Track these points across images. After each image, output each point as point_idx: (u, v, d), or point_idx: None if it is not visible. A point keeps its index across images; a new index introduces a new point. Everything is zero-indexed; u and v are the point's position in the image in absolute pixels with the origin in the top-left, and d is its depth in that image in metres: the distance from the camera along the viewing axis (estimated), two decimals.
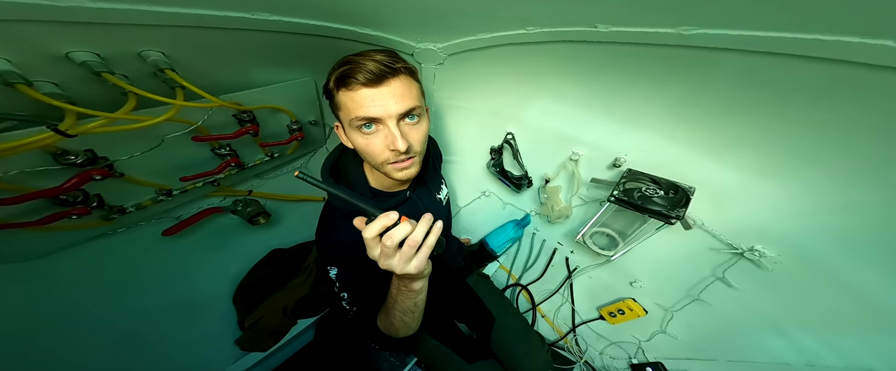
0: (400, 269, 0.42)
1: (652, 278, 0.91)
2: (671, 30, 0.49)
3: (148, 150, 0.61)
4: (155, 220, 0.78)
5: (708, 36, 0.47)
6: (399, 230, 0.40)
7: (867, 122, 0.46)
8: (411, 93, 0.50)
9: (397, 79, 0.48)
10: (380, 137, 0.50)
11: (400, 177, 0.55)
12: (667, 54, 0.54)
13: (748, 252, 0.66)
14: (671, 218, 0.61)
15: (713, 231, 0.70)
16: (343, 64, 0.48)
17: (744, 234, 0.67)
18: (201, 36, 0.53)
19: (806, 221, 0.59)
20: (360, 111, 0.48)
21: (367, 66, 0.46)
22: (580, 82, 0.72)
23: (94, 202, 0.61)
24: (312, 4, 0.56)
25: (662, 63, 0.56)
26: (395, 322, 0.54)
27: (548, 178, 1.00)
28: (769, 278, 0.67)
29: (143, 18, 0.45)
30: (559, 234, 1.15)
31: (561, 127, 0.87)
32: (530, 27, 0.61)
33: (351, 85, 0.47)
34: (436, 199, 0.78)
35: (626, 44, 0.55)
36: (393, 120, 0.49)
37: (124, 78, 0.52)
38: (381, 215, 0.41)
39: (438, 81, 0.92)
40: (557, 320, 1.30)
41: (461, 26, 0.68)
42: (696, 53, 0.51)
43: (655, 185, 0.66)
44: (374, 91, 0.47)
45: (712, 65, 0.52)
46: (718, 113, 0.59)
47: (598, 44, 0.57)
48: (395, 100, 0.48)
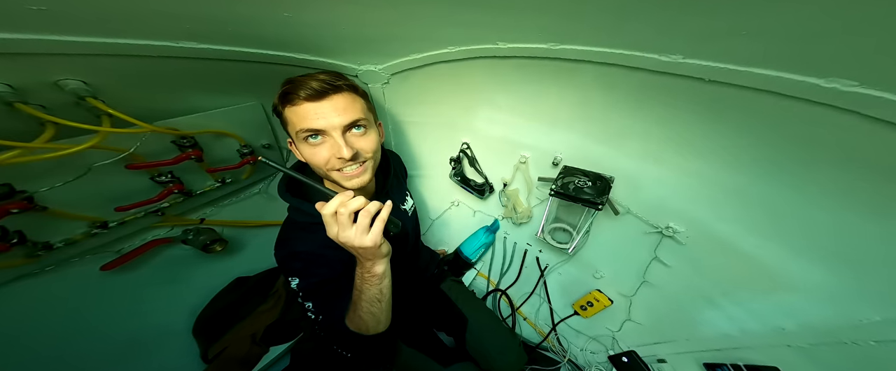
0: (357, 240, 0.45)
1: (609, 267, 0.92)
2: (544, 45, 0.58)
3: (72, 180, 0.59)
4: (90, 256, 0.74)
5: (567, 50, 0.57)
6: (353, 201, 0.44)
7: (689, 116, 0.58)
8: (354, 106, 0.53)
9: (340, 95, 0.51)
10: (325, 147, 0.53)
11: (350, 185, 0.56)
12: (552, 65, 0.62)
13: (665, 230, 0.72)
14: (598, 204, 0.66)
15: (638, 214, 0.75)
16: (286, 83, 0.51)
17: (659, 215, 0.71)
18: (124, 64, 0.54)
19: (691, 197, 0.66)
20: (303, 124, 0.50)
21: (309, 83, 0.49)
22: (507, 92, 0.79)
23: (14, 238, 0.58)
24: (240, 34, 0.58)
25: (555, 72, 0.64)
26: (364, 316, 0.54)
27: (506, 181, 1.03)
28: (687, 253, 0.72)
29: (54, 48, 0.45)
30: (527, 235, 1.16)
31: (505, 133, 0.91)
32: (451, 46, 0.67)
33: (294, 101, 0.50)
34: (400, 209, 0.79)
35: (525, 57, 0.62)
36: (337, 131, 0.51)
37: (41, 108, 0.52)
38: (339, 194, 0.45)
39: (389, 99, 0.96)
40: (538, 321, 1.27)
41: (393, 49, 0.73)
42: (570, 64, 0.60)
43: (585, 177, 0.71)
44: (316, 105, 0.49)
45: (583, 73, 0.61)
46: (604, 111, 0.68)
47: (507, 58, 0.64)
48: (338, 113, 0.50)
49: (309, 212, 0.59)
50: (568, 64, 0.60)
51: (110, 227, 0.71)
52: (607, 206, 0.72)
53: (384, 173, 0.73)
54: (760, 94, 0.46)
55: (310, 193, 0.62)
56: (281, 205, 0.62)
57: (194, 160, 0.77)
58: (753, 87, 0.46)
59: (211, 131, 0.79)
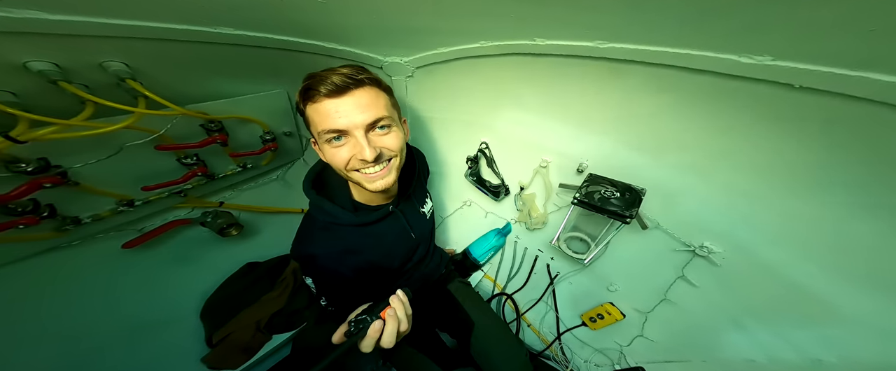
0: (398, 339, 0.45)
1: (626, 281, 0.90)
2: (590, 43, 0.54)
3: (105, 158, 0.60)
4: (115, 233, 0.76)
5: (616, 49, 0.52)
6: (391, 327, 0.44)
7: (760, 128, 0.51)
8: (378, 103, 0.50)
9: (362, 89, 0.48)
10: (348, 147, 0.51)
11: (373, 187, 0.55)
12: (593, 65, 0.58)
13: (699, 249, 0.68)
14: (626, 217, 0.63)
15: (668, 230, 0.71)
16: (307, 78, 0.49)
17: (694, 232, 0.68)
18: (164, 48, 0.54)
19: (737, 216, 0.62)
20: (326, 124, 0.48)
21: (329, 78, 0.47)
22: (537, 92, 0.76)
23: (44, 212, 0.59)
24: (276, 20, 0.58)
25: (598, 72, 0.60)
26: None
27: (523, 185, 1.02)
28: (721, 274, 0.68)
29: (102, 30, 0.46)
30: (539, 242, 1.15)
31: (528, 135, 0.90)
32: (483, 41, 0.65)
33: (314, 97, 0.48)
34: (419, 212, 0.78)
35: (563, 56, 0.59)
36: (360, 130, 0.49)
37: (84, 87, 0.53)
38: (370, 331, 0.43)
39: (411, 93, 0.95)
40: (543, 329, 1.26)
41: (422, 41, 0.72)
42: (617, 65, 0.56)
43: (613, 187, 0.67)
44: (337, 101, 0.47)
45: (632, 75, 0.57)
46: (649, 118, 0.63)
47: (543, 56, 0.61)
48: (360, 110, 0.48)
49: (330, 212, 0.59)
50: (615, 64, 0.55)
51: (136, 205, 0.72)
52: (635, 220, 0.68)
53: (409, 174, 0.71)
54: (871, 106, 0.38)
55: None
56: (297, 193, 0.63)
57: (219, 144, 0.78)
58: (863, 97, 0.38)
59: (237, 117, 0.79)
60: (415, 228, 0.75)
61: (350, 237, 0.61)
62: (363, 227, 0.63)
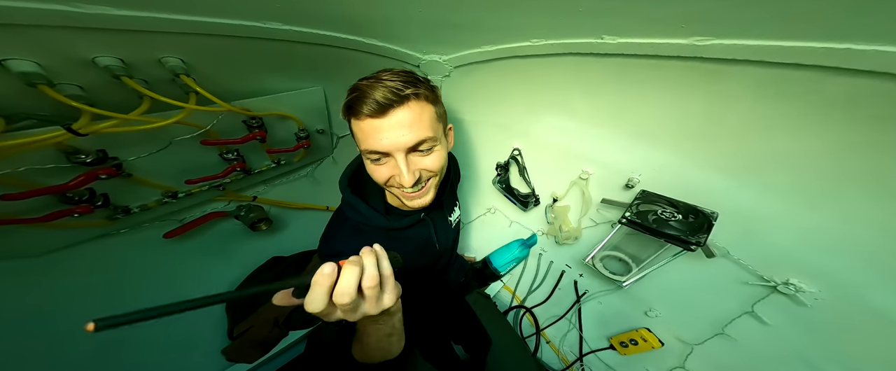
0: (375, 310, 0.35)
1: (670, 308, 0.84)
2: (684, 40, 0.46)
3: (156, 152, 0.62)
4: (158, 222, 0.78)
5: (724, 47, 0.44)
6: (346, 278, 0.32)
7: None
8: (422, 121, 0.47)
9: (405, 107, 0.45)
10: (388, 167, 0.49)
11: (411, 205, 0.54)
12: (682, 67, 0.51)
13: (782, 286, 0.60)
14: (691, 244, 0.56)
15: (741, 261, 0.63)
16: (353, 90, 0.46)
17: (777, 266, 0.60)
18: (216, 44, 0.55)
19: (852, 253, 0.52)
20: (367, 144, 0.47)
21: (372, 95, 0.44)
22: (589, 97, 0.70)
23: (99, 201, 0.61)
24: (321, 14, 0.58)
25: (678, 76, 0.53)
26: (372, 351, 0.46)
27: (556, 197, 0.97)
28: (808, 315, 0.59)
29: (164, 26, 0.47)
30: (567, 256, 1.09)
31: (570, 144, 0.85)
32: (535, 39, 0.61)
33: (358, 114, 0.46)
34: (447, 221, 0.76)
35: (635, 56, 0.53)
36: (401, 153, 0.46)
37: (144, 82, 0.54)
38: (315, 277, 0.32)
39: (445, 93, 0.92)
40: (563, 347, 1.21)
41: (466, 38, 0.69)
42: (713, 65, 0.48)
43: (672, 208, 0.61)
44: (379, 121, 0.45)
45: (731, 77, 0.48)
46: (744, 130, 0.54)
47: (606, 56, 0.56)
48: (403, 131, 0.45)
49: (363, 213, 0.58)
50: (711, 65, 0.48)
51: (179, 197, 0.74)
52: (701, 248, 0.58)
53: (443, 181, 0.68)
54: None
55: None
56: (324, 190, 0.62)
57: (259, 140, 0.79)
58: None
59: (277, 113, 0.80)
60: (440, 238, 0.73)
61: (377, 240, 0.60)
62: (391, 231, 0.61)
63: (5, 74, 0.43)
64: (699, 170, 0.63)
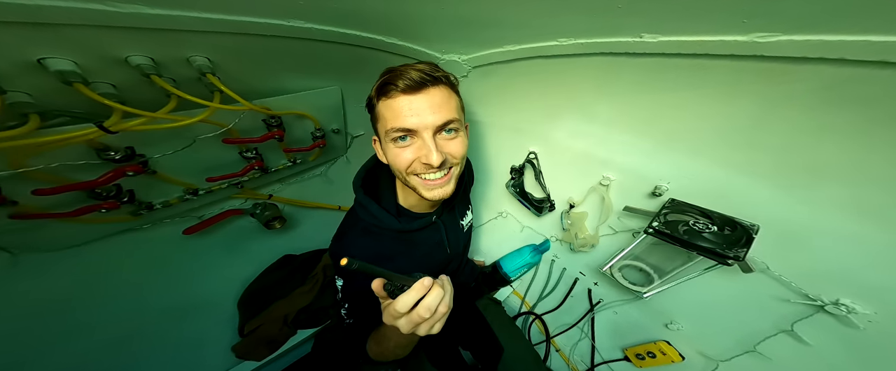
0: (425, 332, 0.39)
1: (693, 322, 0.80)
2: (742, 37, 0.42)
3: (180, 150, 0.63)
4: (179, 219, 0.79)
5: (793, 43, 0.39)
6: (433, 297, 0.37)
7: None
8: (450, 104, 0.49)
9: (437, 88, 0.48)
10: (412, 149, 0.49)
11: (431, 196, 0.53)
12: (732, 67, 0.47)
13: (831, 305, 0.55)
14: (728, 258, 0.52)
15: (782, 277, 0.59)
16: (385, 73, 0.49)
17: (825, 284, 0.56)
18: (241, 43, 0.55)
19: None
20: (396, 121, 0.47)
21: (408, 73, 0.46)
22: (616, 100, 0.68)
23: (125, 197, 0.62)
24: (343, 13, 0.57)
25: (725, 77, 0.49)
26: (388, 354, 0.53)
27: (573, 202, 0.95)
28: (859, 338, 0.55)
29: (194, 25, 0.48)
30: (582, 264, 1.07)
31: (591, 148, 0.82)
32: (562, 38, 0.59)
33: (390, 92, 0.47)
34: (458, 224, 0.75)
35: (677, 56, 0.50)
36: (429, 131, 0.48)
37: (172, 81, 0.55)
38: (417, 284, 0.37)
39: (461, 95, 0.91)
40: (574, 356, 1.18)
41: (489, 37, 0.67)
42: (773, 65, 0.43)
43: (706, 218, 0.58)
44: (411, 98, 0.47)
45: (794, 78, 0.44)
46: (800, 137, 0.49)
47: (642, 56, 0.53)
48: (433, 109, 0.47)
49: (375, 214, 0.58)
50: (774, 65, 0.43)
51: (199, 194, 0.75)
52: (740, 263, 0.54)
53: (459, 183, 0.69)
54: None
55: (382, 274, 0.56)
56: (337, 189, 0.61)
57: (277, 139, 0.79)
58: None
59: (296, 113, 0.80)
60: (451, 242, 0.72)
61: (387, 242, 0.60)
62: (402, 234, 0.61)
63: (43, 72, 0.44)
64: (738, 179, 0.59)
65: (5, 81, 0.42)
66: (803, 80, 0.44)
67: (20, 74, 0.43)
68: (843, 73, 0.40)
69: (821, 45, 0.38)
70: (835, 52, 0.38)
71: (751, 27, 0.41)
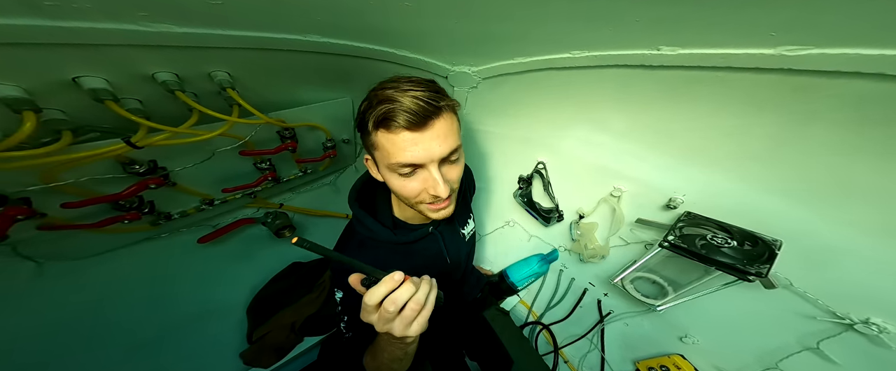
0: (400, 332, 0.38)
1: (710, 336, 0.78)
2: (768, 50, 0.41)
3: (200, 162, 0.65)
4: (195, 228, 0.81)
5: (825, 57, 0.38)
6: (403, 291, 0.37)
7: None
8: (453, 132, 0.47)
9: (441, 118, 0.45)
10: (418, 181, 0.47)
11: (437, 217, 0.53)
12: (755, 80, 0.45)
13: (862, 324, 0.54)
14: (750, 274, 0.51)
15: (807, 294, 0.57)
16: (382, 102, 0.43)
17: (854, 303, 0.54)
18: (260, 57, 0.57)
19: None
20: (401, 157, 0.44)
21: (408, 105, 0.42)
22: (630, 111, 0.67)
23: (146, 208, 0.64)
24: (358, 27, 0.59)
25: (748, 90, 0.48)
26: (383, 368, 0.51)
27: (582, 213, 0.94)
28: (892, 359, 0.53)
29: (218, 41, 0.49)
30: (591, 275, 1.06)
31: (602, 159, 0.82)
32: (575, 51, 0.58)
33: (392, 128, 0.43)
34: (459, 234, 0.74)
35: (697, 68, 0.49)
36: (435, 164, 0.46)
37: (194, 96, 0.57)
38: (386, 277, 0.38)
39: (470, 105, 0.92)
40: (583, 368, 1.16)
41: (499, 49, 0.67)
42: (802, 79, 0.42)
43: (725, 233, 0.56)
44: (416, 135, 0.43)
45: (824, 93, 0.42)
46: (828, 155, 0.48)
47: (659, 69, 0.52)
48: (439, 142, 0.44)
49: (371, 227, 0.58)
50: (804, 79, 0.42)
51: (215, 204, 0.77)
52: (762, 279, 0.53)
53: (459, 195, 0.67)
54: None
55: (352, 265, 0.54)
56: (345, 198, 0.61)
57: (290, 151, 0.81)
58: None
59: (308, 124, 0.82)
60: (451, 252, 0.71)
61: (384, 254, 0.60)
62: (399, 246, 0.61)
63: (77, 90, 0.46)
64: (757, 194, 0.57)
65: (41, 100, 0.44)
66: (835, 95, 0.42)
67: (56, 93, 0.45)
68: (880, 88, 0.39)
69: (857, 60, 0.37)
70: (873, 67, 0.37)
71: (779, 40, 0.40)
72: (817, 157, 0.49)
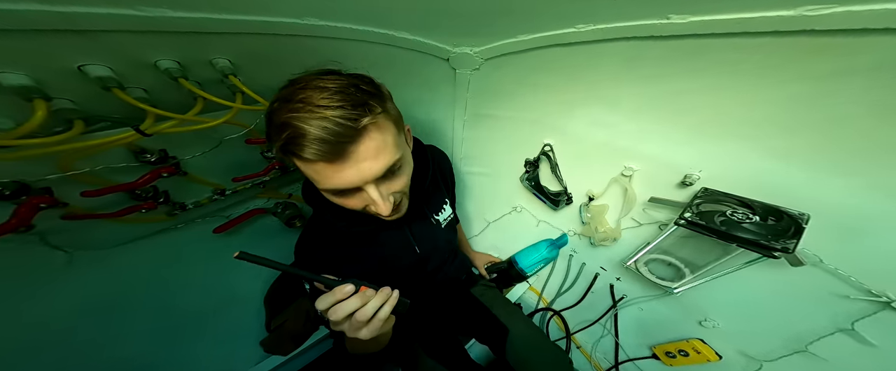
0: (350, 335, 0.40)
1: (731, 318, 0.75)
2: (788, 12, 0.38)
3: (208, 151, 0.66)
4: (209, 218, 0.84)
5: (851, 15, 0.35)
6: (348, 304, 0.38)
7: None
8: (387, 144, 0.39)
9: (366, 138, 0.37)
10: (358, 199, 0.43)
11: (389, 219, 0.51)
12: (774, 44, 0.42)
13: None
14: (775, 250, 0.47)
15: (839, 271, 0.54)
16: (284, 126, 0.34)
17: (892, 279, 0.50)
18: (258, 43, 0.56)
19: None
20: (326, 184, 0.39)
21: (316, 134, 0.33)
22: (640, 86, 0.64)
23: (161, 198, 0.66)
24: (354, 9, 0.57)
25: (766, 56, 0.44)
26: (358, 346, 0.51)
27: (592, 195, 0.91)
28: None
29: (213, 26, 0.49)
30: (603, 259, 1.03)
31: (611, 138, 0.79)
32: (581, 25, 0.55)
33: (302, 157, 0.36)
34: (430, 222, 0.71)
35: (710, 36, 0.45)
36: (371, 184, 0.41)
37: (197, 84, 0.57)
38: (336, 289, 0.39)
39: (473, 89, 0.89)
40: (596, 354, 1.15)
41: (502, 26, 0.64)
42: (825, 40, 0.39)
43: (746, 208, 0.53)
44: (337, 165, 0.37)
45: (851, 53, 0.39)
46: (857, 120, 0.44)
47: (669, 39, 0.49)
48: (369, 163, 0.38)
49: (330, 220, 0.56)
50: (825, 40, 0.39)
51: (227, 194, 0.79)
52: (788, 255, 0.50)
53: (420, 179, 0.60)
54: None
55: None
56: None
57: None
58: None
59: None
60: (420, 241, 0.68)
61: (350, 246, 0.59)
62: (363, 236, 0.59)
63: (84, 79, 0.47)
64: (779, 166, 0.54)
65: (50, 89, 0.46)
66: (863, 53, 0.38)
67: (63, 82, 0.46)
68: None
69: (887, 15, 0.33)
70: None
71: (799, 0, 0.37)
72: (846, 121, 0.45)
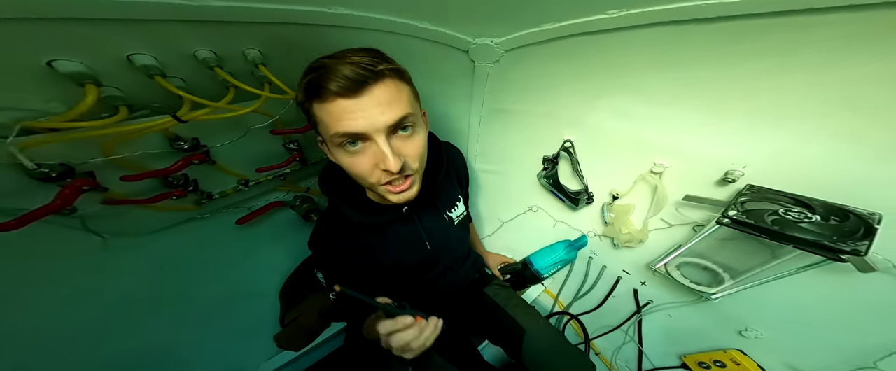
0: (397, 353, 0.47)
1: (777, 329, 0.68)
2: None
3: (237, 139, 0.68)
4: (232, 209, 0.86)
5: None
6: (406, 335, 0.45)
7: None
8: (401, 98, 0.42)
9: (381, 83, 0.40)
10: (368, 155, 0.43)
11: (397, 200, 0.49)
12: (845, 20, 0.38)
13: None
14: (843, 252, 0.41)
15: None
16: (312, 70, 0.40)
17: None
18: (287, 32, 0.58)
19: None
20: (339, 126, 0.40)
21: (341, 70, 0.38)
22: (675, 75, 0.60)
23: (191, 185, 0.69)
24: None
25: (835, 35, 0.40)
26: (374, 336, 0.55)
27: (616, 194, 0.88)
28: None
29: (248, 15, 0.51)
30: (626, 262, 0.98)
31: (639, 132, 0.75)
32: (612, 10, 0.52)
33: (324, 95, 0.39)
34: (442, 218, 0.70)
35: (767, 15, 0.41)
36: (381, 134, 0.41)
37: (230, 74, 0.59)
38: (399, 318, 0.46)
39: (491, 82, 0.88)
40: (617, 361, 1.09)
41: (527, 15, 0.63)
42: None
43: (802, 206, 0.47)
44: (352, 102, 0.39)
45: None
46: None
47: (716, 21, 0.45)
48: (382, 109, 0.40)
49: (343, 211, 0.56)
50: None
51: (250, 185, 0.81)
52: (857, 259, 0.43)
53: (434, 172, 0.60)
54: None
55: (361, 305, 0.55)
56: None
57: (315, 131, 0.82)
58: None
59: None
60: (432, 237, 0.67)
61: (362, 238, 0.59)
62: (374, 228, 0.59)
63: (131, 67, 0.49)
64: (847, 161, 0.48)
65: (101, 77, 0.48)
66: None
67: (113, 70, 0.49)
68: None
69: None
70: None
71: None
72: None
